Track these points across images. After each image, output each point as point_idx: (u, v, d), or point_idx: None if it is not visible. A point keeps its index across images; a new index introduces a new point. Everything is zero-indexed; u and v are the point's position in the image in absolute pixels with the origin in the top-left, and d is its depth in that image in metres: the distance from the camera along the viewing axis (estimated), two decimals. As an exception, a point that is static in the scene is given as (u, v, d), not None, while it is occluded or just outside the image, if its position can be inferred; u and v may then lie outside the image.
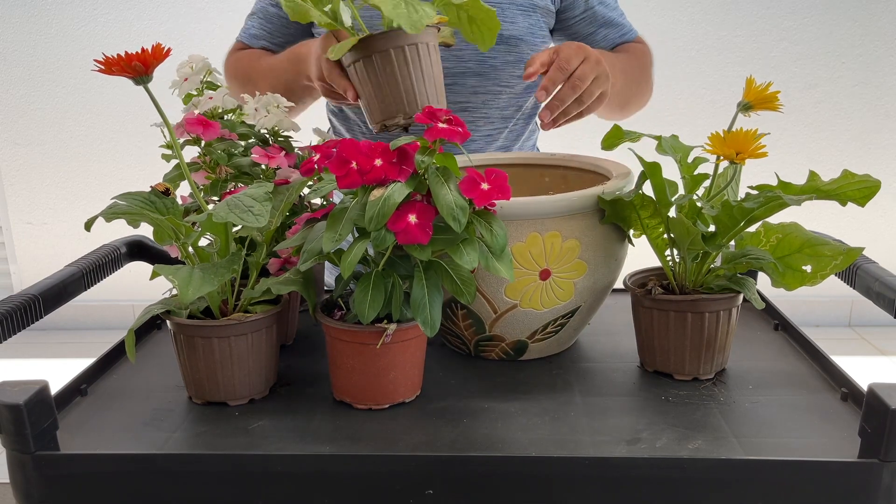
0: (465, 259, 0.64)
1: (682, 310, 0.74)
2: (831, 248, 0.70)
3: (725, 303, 0.74)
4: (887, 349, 2.91)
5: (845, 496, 0.61)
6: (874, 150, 2.98)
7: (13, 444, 0.63)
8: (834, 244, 0.71)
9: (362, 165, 0.65)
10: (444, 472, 0.63)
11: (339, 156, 0.65)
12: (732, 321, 0.76)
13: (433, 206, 0.64)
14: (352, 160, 0.65)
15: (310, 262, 0.68)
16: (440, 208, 0.63)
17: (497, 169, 0.67)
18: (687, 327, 0.74)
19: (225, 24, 2.89)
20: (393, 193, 0.63)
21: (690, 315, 0.74)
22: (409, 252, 0.66)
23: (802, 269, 0.72)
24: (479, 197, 0.65)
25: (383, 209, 0.63)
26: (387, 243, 0.64)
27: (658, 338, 0.76)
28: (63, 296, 0.79)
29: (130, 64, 0.65)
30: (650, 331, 0.77)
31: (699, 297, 0.74)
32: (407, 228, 0.64)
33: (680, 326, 0.75)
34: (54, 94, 2.96)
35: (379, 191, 0.64)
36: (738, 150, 0.69)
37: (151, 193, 0.71)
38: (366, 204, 0.64)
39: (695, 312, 0.74)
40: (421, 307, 0.66)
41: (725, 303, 0.74)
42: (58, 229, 3.11)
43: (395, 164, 0.65)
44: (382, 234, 0.64)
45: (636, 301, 0.78)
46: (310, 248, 0.68)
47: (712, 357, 0.76)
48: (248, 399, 0.73)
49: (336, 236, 0.65)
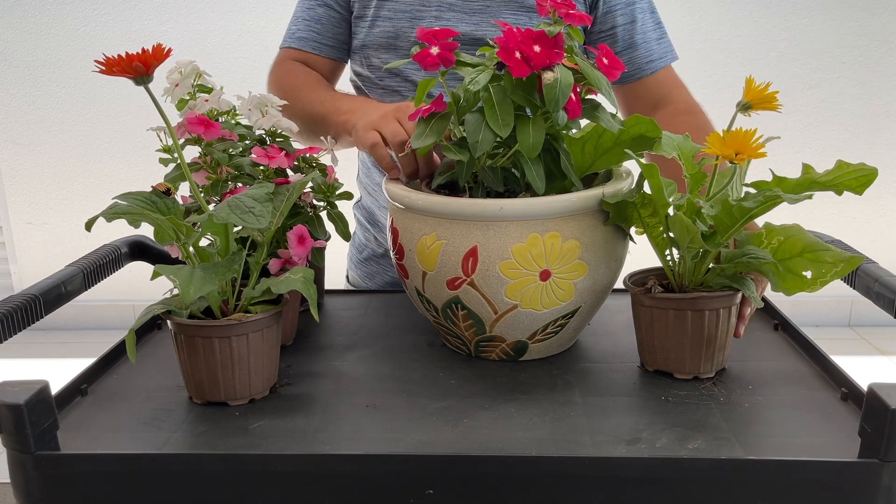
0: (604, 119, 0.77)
1: (681, 308, 0.74)
2: (832, 255, 0.70)
3: (725, 301, 0.74)
4: (887, 349, 2.91)
5: (845, 496, 0.61)
6: (874, 150, 2.98)
7: (13, 444, 0.63)
8: (835, 251, 0.70)
9: (526, 53, 0.71)
10: (444, 472, 0.63)
11: (504, 46, 0.72)
12: (732, 319, 0.76)
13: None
14: (515, 49, 0.71)
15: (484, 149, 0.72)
16: (592, 82, 0.74)
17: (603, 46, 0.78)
18: (687, 326, 0.74)
19: (225, 25, 2.89)
20: (565, 75, 0.71)
21: (690, 313, 0.74)
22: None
23: (802, 274, 0.72)
24: (608, 73, 0.76)
25: (563, 89, 0.71)
26: (563, 122, 0.73)
27: (658, 337, 0.76)
28: (63, 296, 0.79)
29: (131, 64, 0.65)
30: (650, 330, 0.77)
31: (699, 295, 0.74)
32: (573, 106, 0.74)
33: (680, 325, 0.75)
34: (55, 94, 2.96)
35: (549, 74, 0.71)
36: (737, 150, 0.69)
37: (152, 193, 0.72)
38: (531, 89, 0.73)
39: (694, 310, 0.74)
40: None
41: (725, 301, 0.74)
42: (58, 229, 3.11)
43: (552, 48, 0.72)
44: (561, 115, 0.73)
45: (636, 300, 0.78)
46: (483, 139, 0.72)
47: (712, 355, 0.76)
48: (248, 399, 0.73)
49: (501, 121, 0.72)
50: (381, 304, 1.01)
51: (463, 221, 0.74)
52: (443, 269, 0.76)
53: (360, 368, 0.81)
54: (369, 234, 1.27)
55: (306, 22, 1.17)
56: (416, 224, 0.78)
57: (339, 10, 1.16)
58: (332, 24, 1.16)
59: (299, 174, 0.85)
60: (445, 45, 0.76)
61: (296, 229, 0.78)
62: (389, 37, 1.11)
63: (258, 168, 0.83)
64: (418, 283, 0.79)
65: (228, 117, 0.88)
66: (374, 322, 0.94)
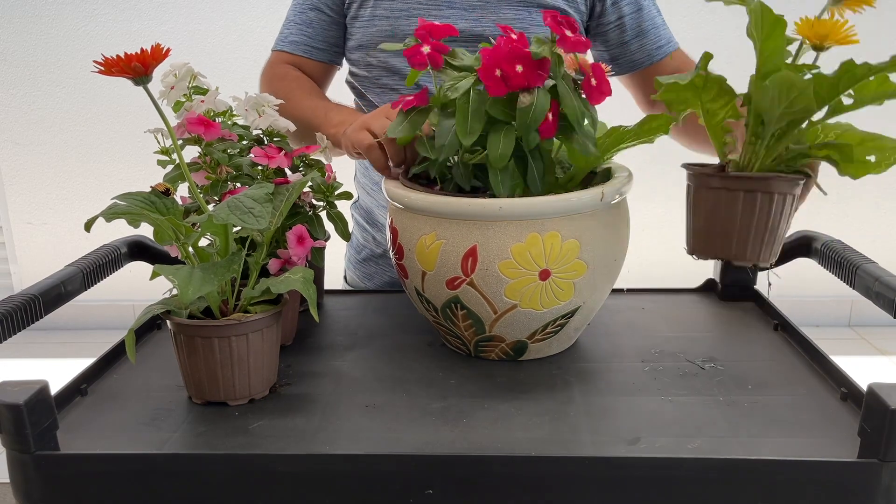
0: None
1: (753, 189, 0.72)
2: (892, 141, 0.72)
3: (794, 186, 0.73)
4: (887, 349, 2.91)
5: (845, 496, 0.61)
6: (874, 150, 2.98)
7: (13, 444, 0.63)
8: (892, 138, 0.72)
9: (506, 72, 0.71)
10: (444, 472, 0.63)
11: (486, 62, 0.72)
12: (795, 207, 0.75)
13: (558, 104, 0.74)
14: (496, 67, 0.71)
15: (447, 153, 0.74)
16: (568, 111, 0.73)
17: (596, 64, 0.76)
18: (755, 208, 0.72)
19: (225, 25, 2.89)
20: (542, 100, 0.71)
21: (760, 196, 0.72)
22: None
23: (866, 159, 0.72)
24: (592, 95, 0.75)
25: (535, 114, 0.71)
26: (533, 144, 0.73)
27: (721, 221, 0.74)
28: (63, 296, 0.79)
29: (130, 64, 0.65)
30: (713, 214, 0.75)
31: (775, 175, 0.72)
32: (547, 127, 0.73)
33: (748, 207, 0.73)
34: (55, 94, 2.96)
35: (525, 97, 0.71)
36: (825, 35, 0.68)
37: (151, 193, 0.71)
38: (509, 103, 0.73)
39: (765, 192, 0.72)
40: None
41: (794, 186, 0.73)
42: (58, 229, 3.11)
43: (534, 70, 0.72)
44: (532, 136, 0.73)
45: (701, 183, 0.76)
46: (448, 143, 0.73)
47: (772, 243, 0.74)
48: (247, 399, 0.73)
49: (469, 129, 0.72)
50: (381, 304, 1.01)
51: (462, 221, 0.74)
52: (442, 268, 0.76)
53: (360, 368, 0.81)
54: (368, 234, 1.27)
55: (298, 26, 1.17)
56: (416, 224, 0.78)
57: (330, 13, 1.16)
58: (324, 27, 1.16)
59: (298, 174, 0.85)
60: (437, 45, 0.76)
61: (295, 229, 0.78)
62: (387, 35, 1.11)
63: (257, 168, 0.83)
64: (418, 283, 0.79)
65: (225, 118, 0.87)
66: (374, 322, 0.94)
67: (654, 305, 0.98)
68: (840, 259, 0.86)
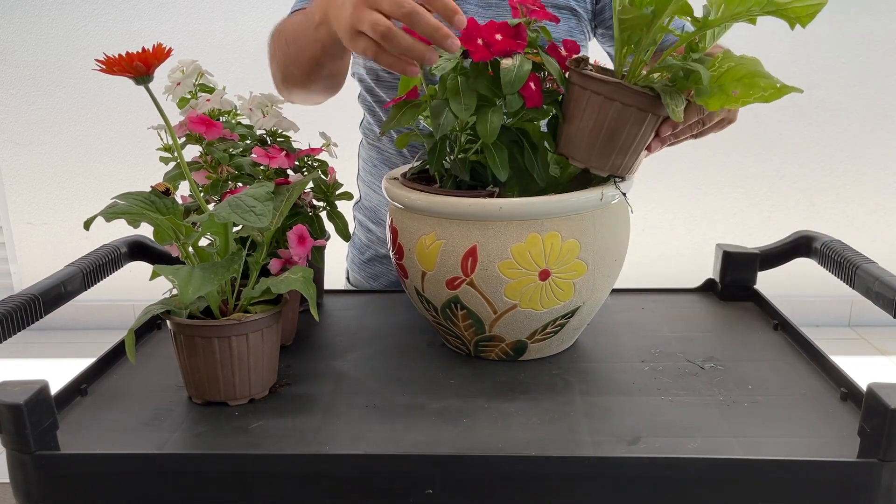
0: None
1: (599, 92, 0.73)
2: (767, 82, 0.69)
3: (643, 100, 0.72)
4: (887, 349, 2.91)
5: (845, 496, 0.61)
6: (873, 150, 2.98)
7: (13, 444, 0.63)
8: (772, 79, 0.69)
9: (487, 40, 0.74)
10: (444, 472, 0.63)
11: (467, 34, 0.74)
12: (647, 129, 0.74)
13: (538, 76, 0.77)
14: (477, 37, 0.74)
15: (445, 130, 0.75)
16: (552, 70, 0.76)
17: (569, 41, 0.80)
18: (595, 112, 0.73)
19: (225, 25, 2.89)
20: (523, 62, 0.74)
21: (603, 100, 0.73)
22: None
23: (730, 92, 0.70)
24: (562, 62, 0.78)
25: (519, 74, 0.73)
26: (515, 107, 0.75)
27: (570, 118, 0.76)
28: (63, 296, 0.79)
29: (131, 64, 0.65)
30: (566, 108, 0.76)
31: (617, 83, 0.72)
32: (531, 94, 0.75)
33: (591, 110, 0.74)
34: (55, 94, 2.96)
35: (508, 61, 0.74)
36: None
37: (151, 193, 0.71)
38: (490, 73, 0.76)
39: (609, 99, 0.72)
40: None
41: (643, 100, 0.72)
42: (58, 229, 3.11)
43: (514, 38, 0.75)
44: (515, 99, 0.75)
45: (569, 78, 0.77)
46: (445, 119, 0.75)
47: (611, 152, 0.75)
48: (248, 399, 0.74)
49: (464, 106, 0.74)
50: (381, 304, 1.01)
51: (462, 221, 0.74)
52: (442, 268, 0.76)
53: (360, 368, 0.81)
54: (372, 234, 1.27)
55: None
56: (416, 224, 0.78)
57: None
58: None
59: (299, 174, 0.85)
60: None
61: (296, 229, 0.78)
62: None
63: (258, 168, 0.83)
64: (417, 283, 0.79)
65: (229, 117, 0.88)
66: (374, 322, 0.94)
67: (654, 305, 0.98)
68: (840, 259, 0.86)
